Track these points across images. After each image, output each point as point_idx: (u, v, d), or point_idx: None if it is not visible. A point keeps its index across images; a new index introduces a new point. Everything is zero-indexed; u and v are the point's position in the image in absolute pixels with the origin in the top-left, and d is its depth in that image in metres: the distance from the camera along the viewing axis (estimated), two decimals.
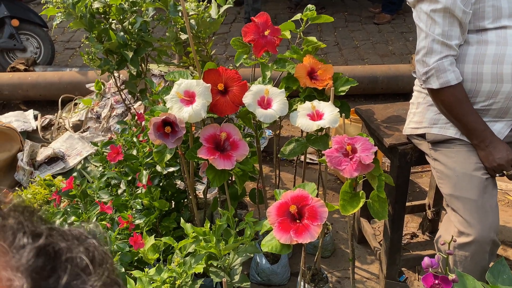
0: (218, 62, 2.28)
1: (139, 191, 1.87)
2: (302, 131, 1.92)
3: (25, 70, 3.87)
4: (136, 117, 2.13)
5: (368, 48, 4.85)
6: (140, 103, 3.17)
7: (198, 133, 1.80)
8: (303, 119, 1.71)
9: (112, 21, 2.52)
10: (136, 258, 1.74)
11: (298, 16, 1.97)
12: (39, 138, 3.27)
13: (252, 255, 1.69)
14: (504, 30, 1.55)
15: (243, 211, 2.41)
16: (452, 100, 1.58)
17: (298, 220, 1.45)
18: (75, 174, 1.83)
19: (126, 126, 2.05)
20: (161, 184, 1.95)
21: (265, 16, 1.86)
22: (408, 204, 2.40)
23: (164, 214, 2.01)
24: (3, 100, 3.87)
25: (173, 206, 2.12)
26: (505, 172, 1.59)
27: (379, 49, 4.81)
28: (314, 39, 1.93)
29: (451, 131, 1.66)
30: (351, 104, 2.21)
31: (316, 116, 1.72)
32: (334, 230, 2.52)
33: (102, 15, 2.50)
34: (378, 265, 2.19)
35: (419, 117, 1.77)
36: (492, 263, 1.42)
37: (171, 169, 1.91)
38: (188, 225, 1.67)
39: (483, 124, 1.58)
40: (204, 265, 1.63)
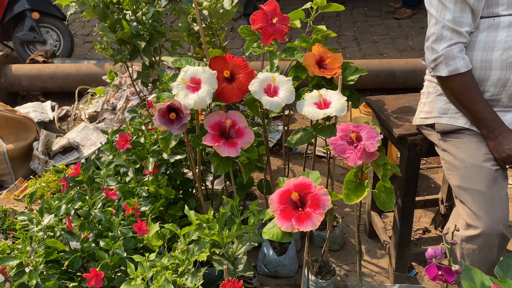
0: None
1: (146, 179, 1.87)
2: (311, 121, 1.90)
3: (43, 62, 3.93)
4: (146, 105, 2.13)
5: (387, 43, 4.78)
6: (153, 97, 3.19)
7: None
8: (310, 107, 1.69)
9: (126, 11, 2.54)
10: (141, 245, 1.75)
11: (308, 5, 1.94)
12: (56, 129, 3.32)
13: (256, 244, 1.67)
14: None
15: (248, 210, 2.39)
16: (461, 88, 1.54)
17: (300, 208, 1.43)
18: (83, 161, 1.84)
19: (136, 114, 2.06)
20: (168, 172, 1.95)
21: (273, 3, 1.84)
22: (421, 198, 2.36)
23: (171, 203, 2.02)
24: (23, 91, 3.93)
25: (180, 195, 2.12)
26: None
27: (399, 44, 4.74)
28: (324, 27, 1.90)
29: (461, 121, 1.62)
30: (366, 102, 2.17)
31: (323, 104, 1.70)
32: (345, 224, 2.49)
33: (116, 5, 2.51)
34: (388, 259, 2.15)
35: (429, 107, 1.73)
36: (502, 258, 1.38)
37: (178, 157, 1.90)
38: (192, 212, 1.67)
39: (492, 114, 1.53)
40: (208, 253, 1.62)
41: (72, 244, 1.69)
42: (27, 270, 1.49)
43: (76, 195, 1.72)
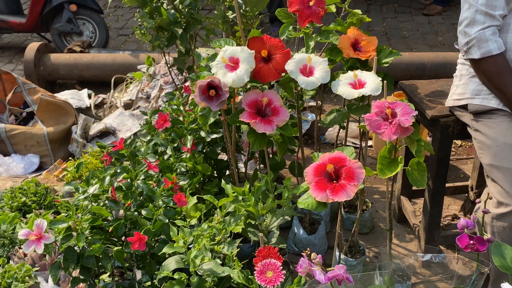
0: None
1: (184, 156, 1.95)
2: (344, 104, 1.95)
3: (80, 52, 4.07)
4: (183, 89, 2.22)
5: (417, 38, 4.78)
6: (188, 83, 3.29)
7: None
8: (345, 87, 1.74)
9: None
10: (179, 217, 1.83)
11: None
12: (92, 115, 3.44)
13: (289, 218, 1.73)
14: None
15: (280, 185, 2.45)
16: (493, 70, 1.57)
17: (335, 181, 1.48)
18: (125, 137, 1.93)
19: (173, 96, 2.15)
20: (204, 150, 2.03)
21: None
22: (450, 185, 2.38)
23: (206, 181, 2.09)
24: (60, 80, 4.08)
25: (215, 174, 2.19)
26: None
27: (429, 39, 4.74)
28: (359, 11, 1.95)
29: (493, 102, 1.65)
30: (398, 90, 2.21)
31: (358, 85, 1.75)
32: (374, 209, 2.53)
33: None
34: (417, 243, 2.19)
35: (462, 88, 1.76)
36: None
37: (214, 135, 1.98)
38: (229, 185, 1.74)
39: None
40: (243, 226, 1.69)
41: (115, 213, 1.78)
42: (74, 234, 1.59)
43: (119, 168, 1.81)
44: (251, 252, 1.96)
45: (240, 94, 2.01)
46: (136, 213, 1.70)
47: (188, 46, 2.65)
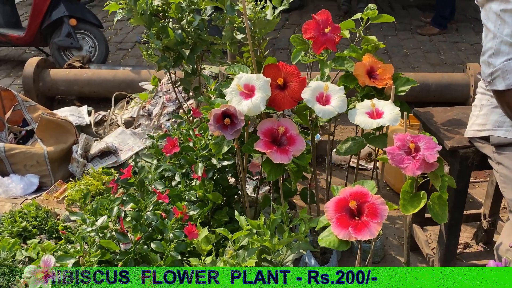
0: None
1: (193, 183, 1.89)
2: (359, 130, 1.90)
3: (80, 67, 4.00)
4: (191, 112, 2.16)
5: (419, 57, 4.77)
6: (192, 101, 3.22)
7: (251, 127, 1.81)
8: (362, 116, 1.70)
9: (170, 19, 2.58)
10: (188, 250, 1.76)
11: (358, 15, 1.96)
12: (92, 133, 3.36)
13: (304, 252, 1.68)
14: None
15: (292, 211, 2.40)
16: None
17: (357, 217, 1.42)
18: (132, 163, 1.87)
19: (182, 120, 2.08)
20: (214, 177, 1.97)
21: (326, 13, 1.86)
22: None
23: (215, 208, 2.03)
24: (59, 95, 4.00)
25: (224, 200, 2.13)
26: None
27: (430, 58, 4.72)
28: (374, 38, 1.91)
29: None
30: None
31: (375, 114, 1.70)
32: (384, 236, 2.47)
33: (161, 13, 2.56)
34: None
35: (483, 119, 1.72)
36: None
37: (225, 162, 1.92)
38: (243, 217, 1.68)
39: None
40: (256, 259, 1.63)
41: (122, 246, 1.71)
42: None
43: (126, 197, 1.74)
44: None
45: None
46: (145, 246, 1.64)
47: (195, 66, 2.60)
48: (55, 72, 3.83)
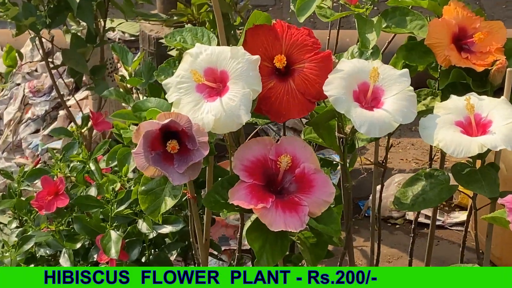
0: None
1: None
2: (435, 152, 1.05)
3: None
4: (89, 121, 1.26)
5: None
6: (88, 94, 1.99)
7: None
8: (450, 131, 0.88)
9: None
10: None
11: None
12: None
13: None
14: None
15: None
16: None
17: None
18: None
19: (74, 141, 1.17)
20: (144, 260, 1.13)
21: None
22: None
23: None
24: None
25: None
26: None
27: None
28: None
29: None
30: None
31: (475, 126, 0.88)
32: None
33: None
34: None
35: None
36: None
37: (166, 229, 1.07)
38: None
39: None
40: None
41: None
42: None
43: None
44: None
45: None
46: None
47: (94, 25, 1.64)
48: None
